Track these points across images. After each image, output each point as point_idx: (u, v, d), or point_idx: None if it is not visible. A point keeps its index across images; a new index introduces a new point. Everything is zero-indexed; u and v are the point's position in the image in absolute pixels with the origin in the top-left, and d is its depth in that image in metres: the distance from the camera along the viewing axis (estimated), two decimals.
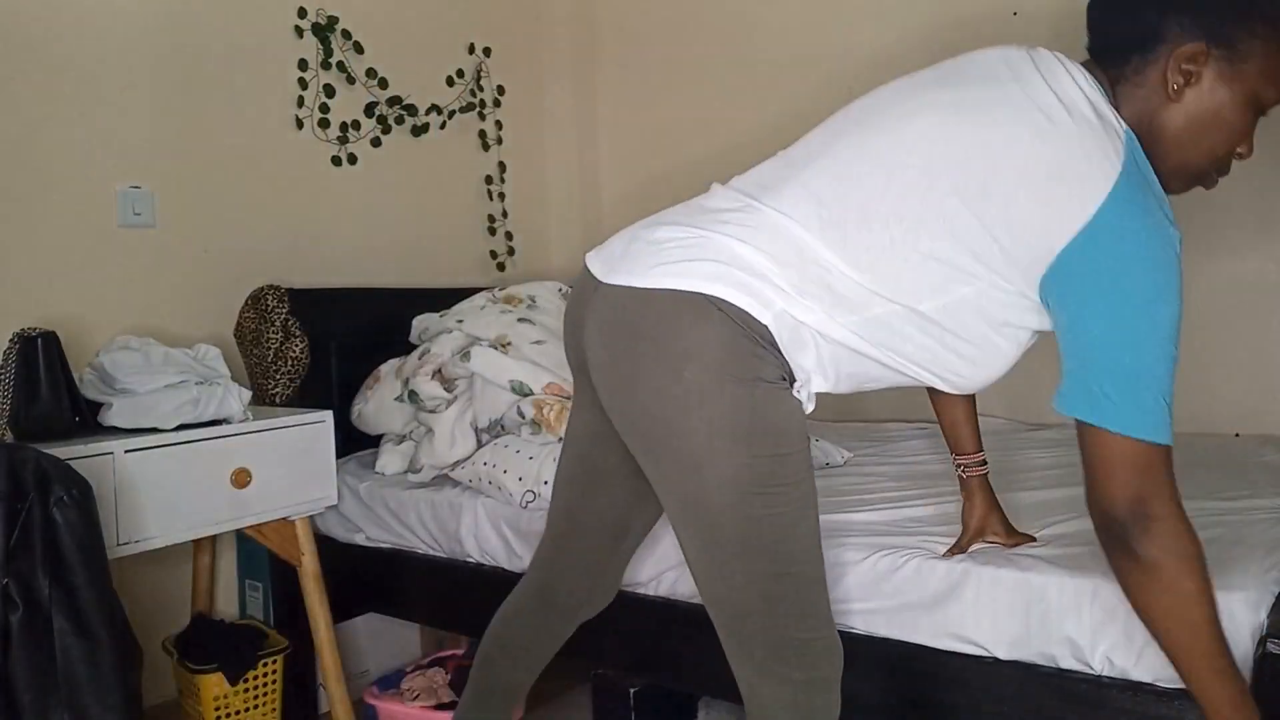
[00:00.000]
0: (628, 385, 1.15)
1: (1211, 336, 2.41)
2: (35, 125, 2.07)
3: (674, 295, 1.10)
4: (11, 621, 1.30)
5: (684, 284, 1.10)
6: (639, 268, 1.14)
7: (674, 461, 1.14)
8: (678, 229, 1.16)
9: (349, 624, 2.36)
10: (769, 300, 1.10)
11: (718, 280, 1.09)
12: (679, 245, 1.13)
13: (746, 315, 1.09)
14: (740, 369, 1.09)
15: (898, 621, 1.49)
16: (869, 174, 1.12)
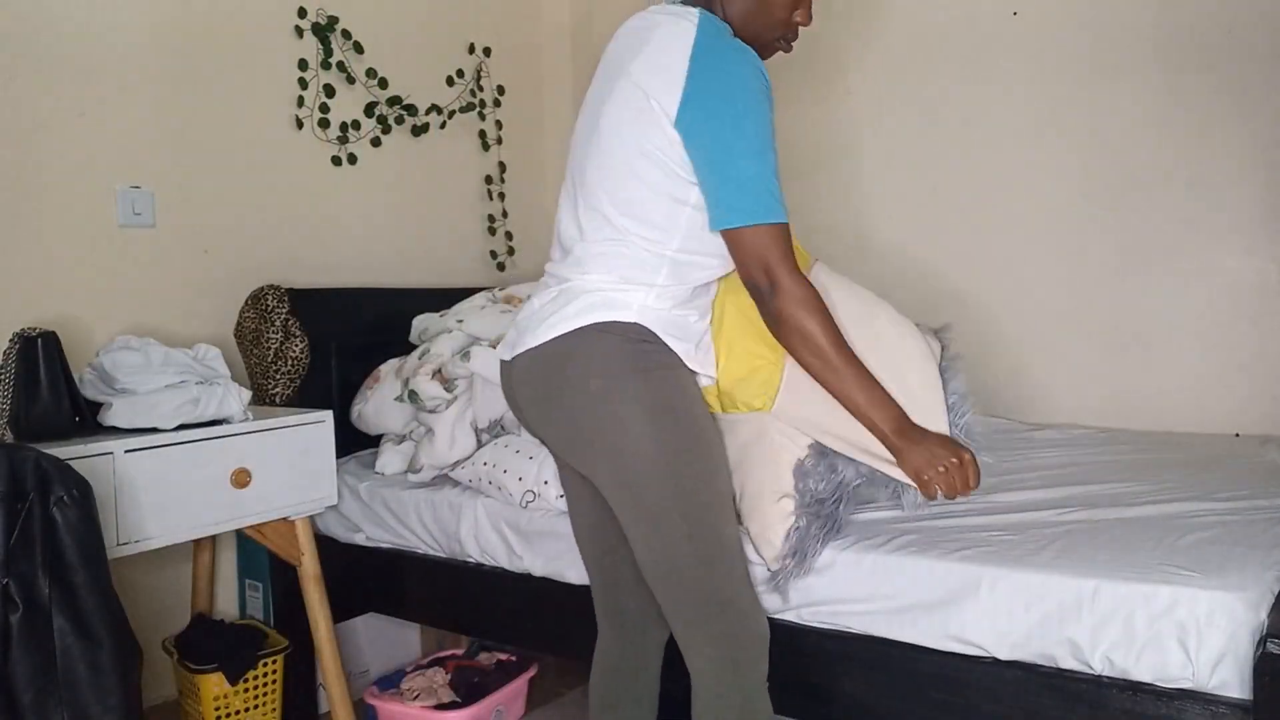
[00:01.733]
0: (557, 420, 1.40)
1: (1211, 336, 2.41)
2: (35, 125, 2.07)
3: (562, 338, 1.35)
4: (11, 621, 1.30)
5: (565, 327, 1.35)
6: (530, 336, 1.39)
7: (604, 457, 1.36)
8: (544, 294, 1.43)
9: (349, 624, 2.37)
10: (626, 304, 1.36)
11: (585, 312, 1.35)
12: (550, 304, 1.40)
13: (618, 324, 1.34)
14: (631, 364, 1.34)
15: (898, 621, 1.49)
16: (605, 161, 1.38)
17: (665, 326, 1.38)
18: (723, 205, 1.32)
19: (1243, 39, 2.34)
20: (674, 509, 1.35)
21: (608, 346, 1.34)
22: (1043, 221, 2.63)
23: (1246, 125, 2.35)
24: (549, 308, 1.39)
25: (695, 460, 1.36)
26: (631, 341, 1.35)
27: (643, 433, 1.33)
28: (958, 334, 2.73)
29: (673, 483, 1.34)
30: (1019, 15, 2.62)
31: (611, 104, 1.38)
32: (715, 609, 1.38)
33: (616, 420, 1.33)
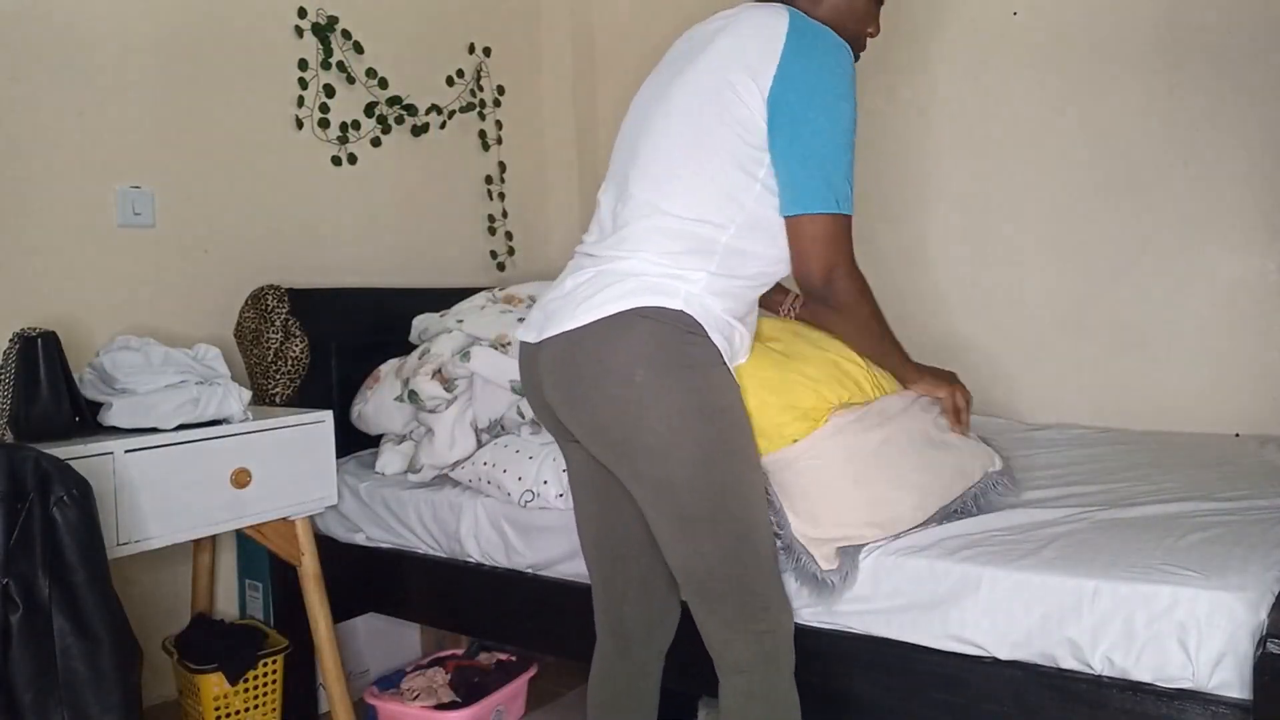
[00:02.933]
0: (590, 409, 1.32)
1: (1212, 336, 2.41)
2: (35, 125, 2.07)
3: (602, 322, 1.28)
4: (11, 621, 1.30)
5: (605, 310, 1.29)
6: (564, 318, 1.32)
7: (644, 454, 1.30)
8: (578, 274, 1.37)
9: (349, 624, 2.37)
10: (673, 290, 1.30)
11: (627, 295, 1.29)
12: (586, 285, 1.33)
13: (665, 311, 1.29)
14: (678, 356, 1.28)
15: (898, 621, 1.49)
16: (662, 141, 1.37)
17: (711, 320, 1.32)
18: (803, 189, 1.30)
19: (1243, 39, 2.34)
20: (714, 510, 1.31)
21: (654, 335, 1.27)
22: (1042, 221, 2.63)
23: (1246, 125, 2.35)
24: (586, 289, 1.32)
25: (736, 462, 1.33)
26: (679, 331, 1.29)
27: (686, 432, 1.28)
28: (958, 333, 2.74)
29: (714, 484, 1.30)
30: (1019, 15, 2.62)
31: (684, 83, 1.35)
32: (758, 609, 1.36)
33: (660, 416, 1.27)
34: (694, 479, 1.29)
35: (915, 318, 2.82)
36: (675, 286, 1.30)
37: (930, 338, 2.80)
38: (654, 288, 1.29)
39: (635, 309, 1.28)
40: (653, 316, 1.28)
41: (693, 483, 1.30)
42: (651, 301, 1.28)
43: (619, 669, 1.54)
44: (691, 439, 1.28)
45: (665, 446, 1.28)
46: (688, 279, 1.31)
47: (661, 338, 1.28)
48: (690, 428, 1.28)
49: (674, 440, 1.28)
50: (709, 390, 1.31)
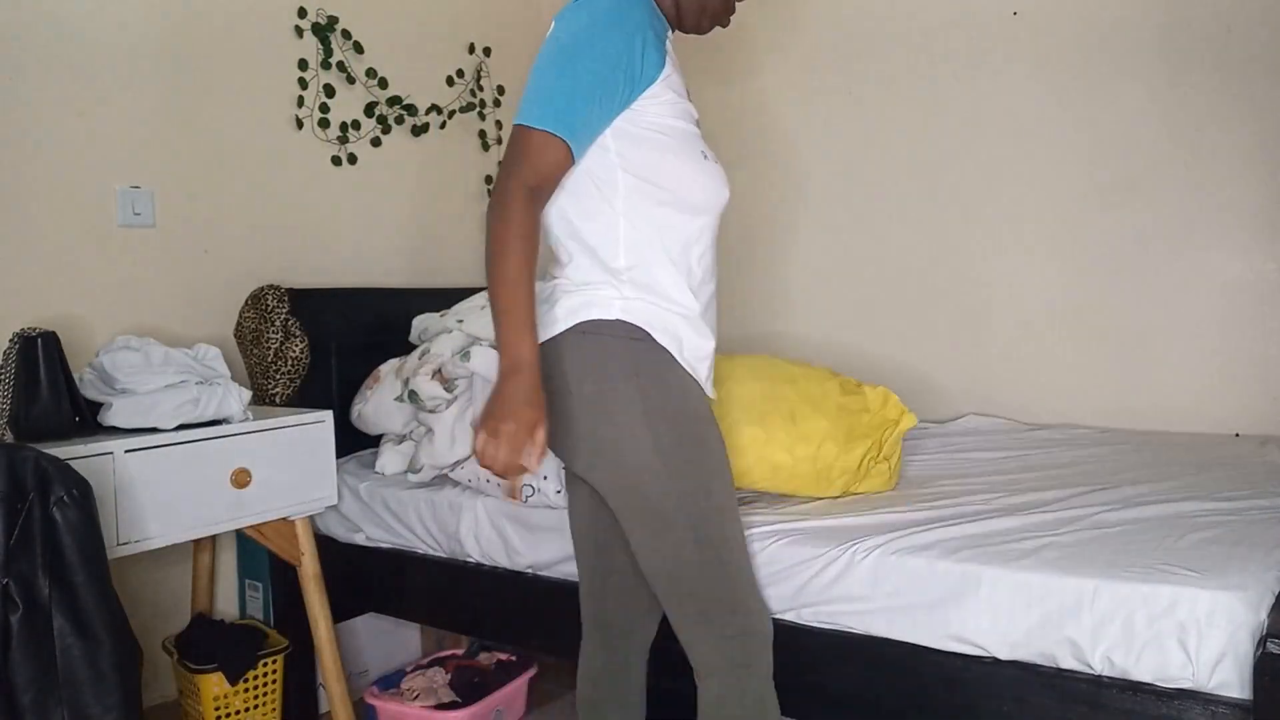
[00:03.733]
0: (554, 425, 1.32)
1: (1212, 336, 2.41)
2: (35, 125, 2.07)
3: (552, 342, 1.32)
4: (11, 621, 1.29)
5: (554, 330, 1.32)
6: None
7: (603, 462, 1.33)
8: (540, 290, 1.36)
9: (349, 624, 2.37)
10: (606, 300, 1.31)
11: (571, 313, 1.32)
12: (542, 304, 1.35)
13: (600, 322, 1.31)
14: (622, 366, 1.30)
15: (898, 621, 1.49)
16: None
17: (650, 320, 1.32)
18: (521, 104, 1.27)
19: (1243, 39, 2.34)
20: (679, 513, 1.31)
21: (597, 348, 1.30)
22: (1043, 221, 2.63)
23: (1246, 125, 2.35)
24: (542, 309, 1.35)
25: (697, 462, 1.33)
26: (620, 340, 1.31)
27: (642, 438, 1.29)
28: (958, 333, 2.74)
29: (676, 487, 1.31)
30: (1019, 15, 2.62)
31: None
32: (726, 611, 1.35)
33: (614, 426, 1.30)
34: (653, 483, 1.30)
35: (914, 316, 2.82)
36: (606, 294, 1.32)
37: (930, 337, 2.80)
38: (589, 301, 1.31)
39: (577, 325, 1.31)
40: (593, 331, 1.30)
41: (653, 487, 1.31)
42: (589, 315, 1.31)
43: (606, 665, 1.54)
44: (648, 445, 1.29)
45: (622, 454, 1.31)
46: (610, 283, 1.32)
47: (603, 348, 1.30)
48: (645, 434, 1.29)
49: (630, 448, 1.30)
50: (661, 394, 1.31)
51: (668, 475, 1.30)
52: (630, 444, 1.30)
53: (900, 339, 2.85)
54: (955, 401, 2.74)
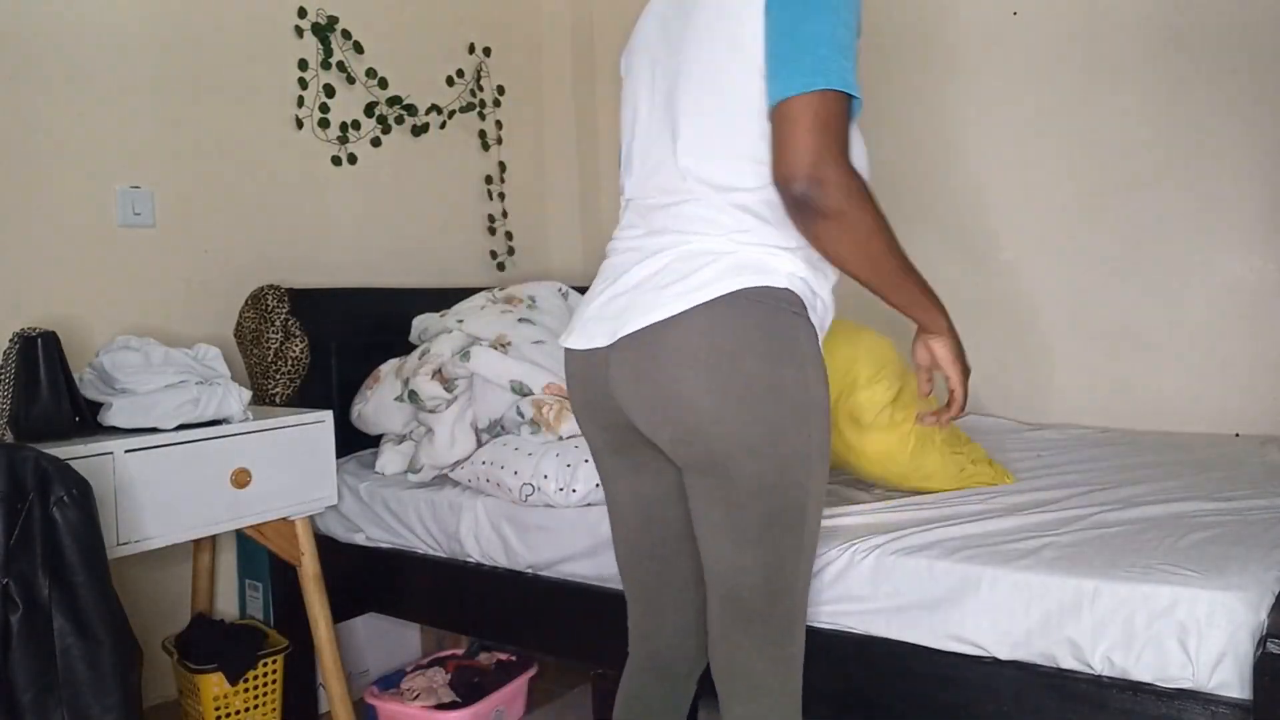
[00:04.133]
0: (690, 404, 1.15)
1: (1212, 336, 2.42)
2: (35, 125, 2.07)
3: (698, 310, 1.12)
4: (11, 621, 1.30)
5: (706, 294, 1.12)
6: (646, 310, 1.15)
7: (742, 452, 1.14)
8: (646, 263, 1.20)
9: (349, 624, 2.37)
10: (775, 268, 1.15)
11: (725, 276, 1.13)
12: (665, 272, 1.17)
13: (772, 290, 1.14)
14: (790, 347, 1.15)
15: (898, 621, 1.49)
16: (690, 104, 1.19)
17: (811, 300, 1.18)
18: (784, 71, 1.07)
19: (1243, 38, 2.34)
20: (783, 519, 1.17)
21: (764, 320, 1.13)
22: (1043, 221, 2.63)
23: (1247, 125, 2.35)
24: (665, 275, 1.15)
25: (819, 470, 1.19)
26: (787, 315, 1.15)
27: (790, 432, 1.14)
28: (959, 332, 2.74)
29: (795, 493, 1.17)
30: (1019, 15, 2.62)
31: (698, 36, 1.17)
32: (792, 633, 1.24)
33: (768, 413, 1.13)
34: (780, 484, 1.15)
35: None
36: (776, 263, 1.15)
37: None
38: (754, 265, 1.14)
39: (740, 290, 1.12)
40: (762, 299, 1.13)
41: (777, 488, 1.15)
42: (758, 281, 1.13)
43: (653, 689, 1.42)
44: (792, 440, 1.14)
45: (765, 446, 1.14)
46: (781, 254, 1.15)
47: (772, 324, 1.13)
48: (794, 428, 1.14)
49: (775, 440, 1.14)
50: (816, 385, 1.16)
51: (794, 479, 1.16)
52: (777, 436, 1.14)
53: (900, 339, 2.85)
54: None
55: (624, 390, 1.20)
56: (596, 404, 1.27)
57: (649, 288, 1.17)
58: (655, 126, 1.23)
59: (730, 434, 1.14)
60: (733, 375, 1.12)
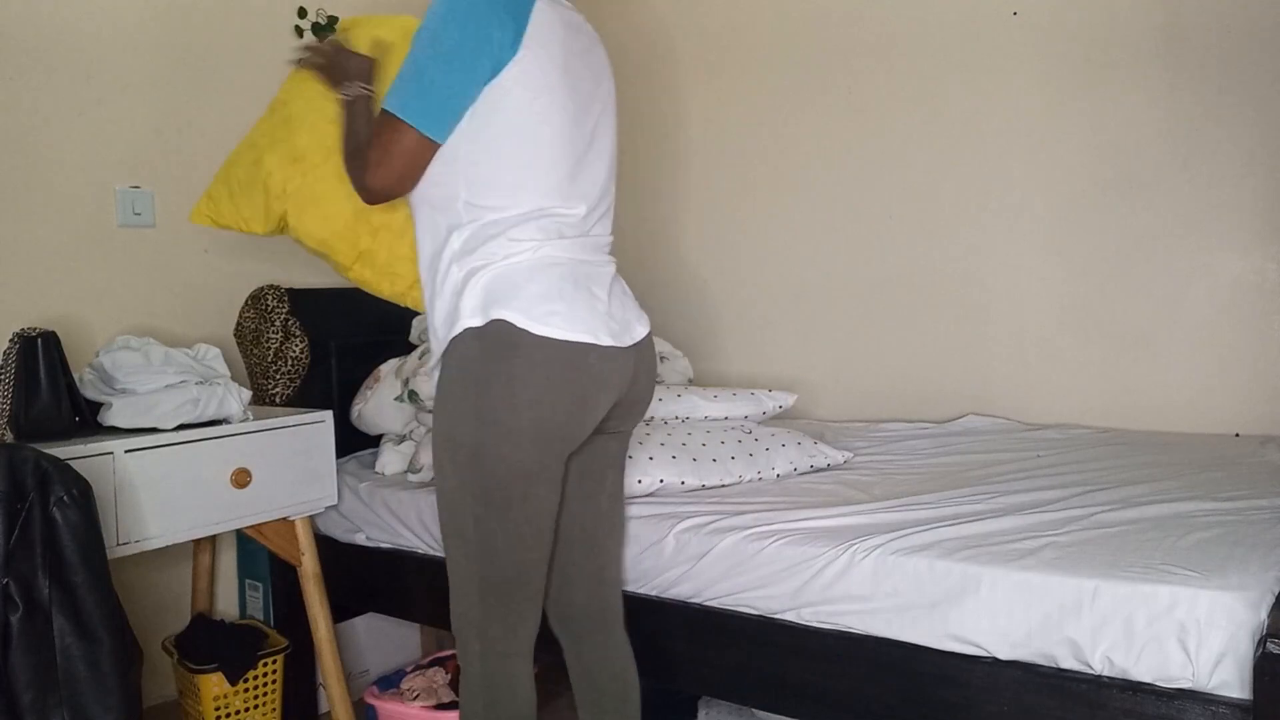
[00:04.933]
0: (650, 394, 1.56)
1: (1211, 336, 2.41)
2: (35, 125, 2.07)
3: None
4: (11, 621, 1.30)
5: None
6: (641, 322, 1.51)
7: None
8: (612, 272, 1.52)
9: (349, 624, 2.37)
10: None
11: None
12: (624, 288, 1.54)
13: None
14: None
15: (898, 621, 1.49)
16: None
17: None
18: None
19: (1243, 38, 2.34)
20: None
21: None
22: (1042, 221, 2.63)
23: (1246, 125, 2.35)
24: (628, 291, 1.55)
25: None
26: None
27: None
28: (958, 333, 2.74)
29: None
30: (1019, 15, 2.62)
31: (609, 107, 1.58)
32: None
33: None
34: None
35: (914, 316, 2.82)
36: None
37: (930, 337, 2.80)
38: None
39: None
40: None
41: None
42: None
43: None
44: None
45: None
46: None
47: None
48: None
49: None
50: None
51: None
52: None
53: (901, 339, 2.85)
54: (955, 401, 2.74)
55: (642, 383, 1.50)
56: (606, 393, 1.42)
57: (632, 301, 1.53)
58: (603, 158, 1.51)
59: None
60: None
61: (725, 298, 3.19)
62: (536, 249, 1.37)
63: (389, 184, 1.37)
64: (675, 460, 1.99)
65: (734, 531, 1.69)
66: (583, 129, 1.44)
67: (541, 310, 1.34)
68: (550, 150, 1.39)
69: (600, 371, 1.39)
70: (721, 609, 1.69)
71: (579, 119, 1.43)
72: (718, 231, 3.18)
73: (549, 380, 1.34)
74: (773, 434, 2.18)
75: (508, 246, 1.36)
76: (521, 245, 1.37)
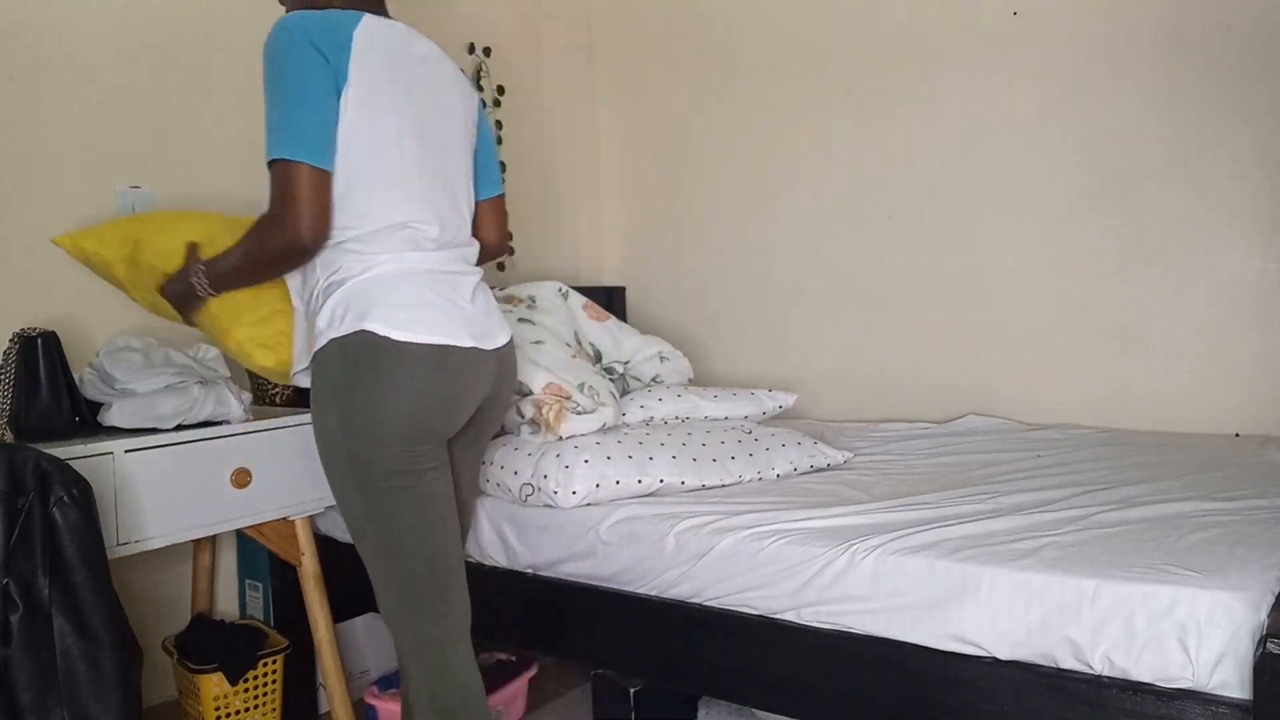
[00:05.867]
0: (510, 399, 1.67)
1: (1211, 336, 2.42)
2: (35, 125, 2.07)
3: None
4: (11, 621, 1.30)
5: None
6: (502, 331, 1.58)
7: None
8: (480, 286, 1.58)
9: (349, 624, 2.36)
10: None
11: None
12: (489, 297, 1.61)
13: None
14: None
15: (898, 621, 1.49)
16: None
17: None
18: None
19: (1243, 38, 2.34)
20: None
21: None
22: (1043, 221, 2.63)
23: (1246, 124, 2.35)
24: (490, 295, 1.60)
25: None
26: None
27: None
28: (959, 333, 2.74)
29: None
30: (1019, 15, 2.62)
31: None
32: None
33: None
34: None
35: (914, 316, 2.82)
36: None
37: (930, 338, 2.80)
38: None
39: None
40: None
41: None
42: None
43: (473, 660, 1.57)
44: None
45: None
46: None
47: None
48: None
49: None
50: None
51: None
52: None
53: (901, 339, 2.85)
54: (955, 401, 2.74)
55: (503, 387, 1.59)
56: (470, 394, 1.50)
57: (495, 308, 1.60)
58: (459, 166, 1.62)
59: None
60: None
61: (725, 298, 3.19)
62: (394, 261, 1.45)
63: (308, 223, 1.38)
64: (675, 460, 1.99)
65: (734, 531, 1.69)
66: (429, 144, 1.51)
67: (402, 317, 1.41)
68: (397, 166, 1.46)
69: (463, 370, 1.47)
70: (721, 609, 1.69)
71: (423, 136, 1.50)
72: (717, 231, 3.19)
73: (413, 380, 1.41)
74: (773, 434, 2.18)
75: (365, 260, 1.44)
76: (379, 259, 1.44)
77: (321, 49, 1.38)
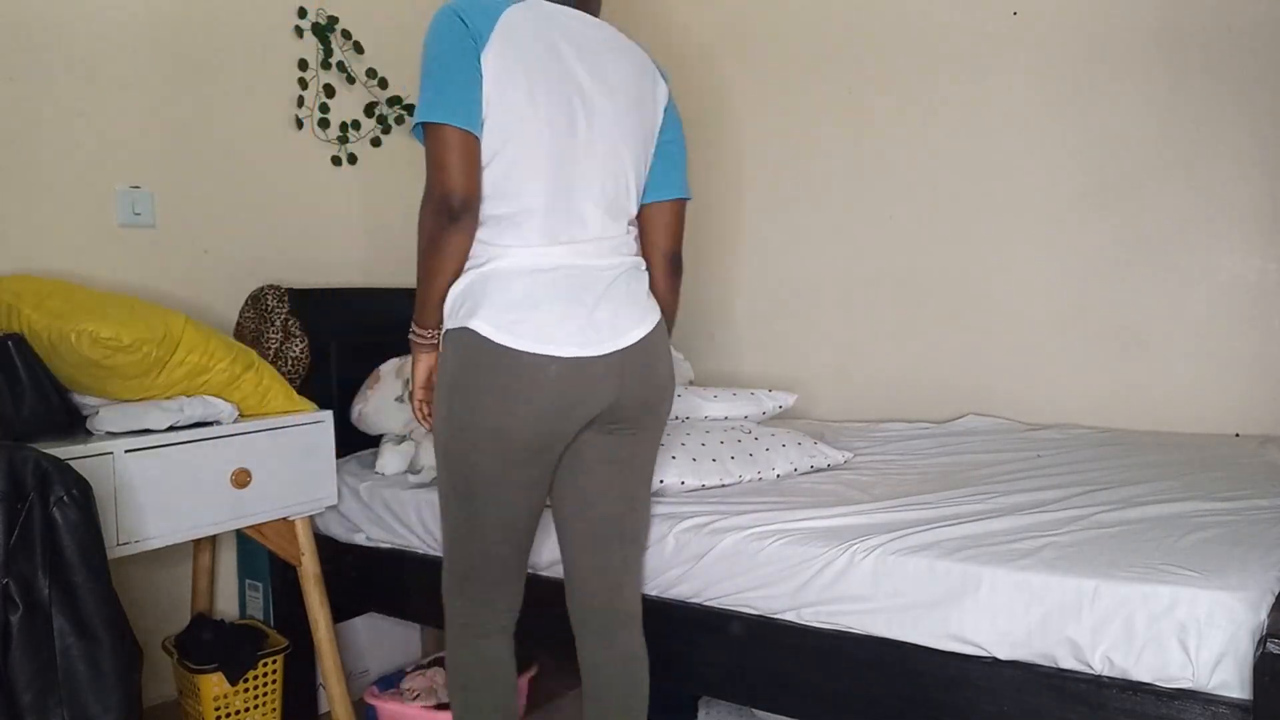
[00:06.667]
0: (666, 390, 1.53)
1: (1211, 336, 2.42)
2: (35, 124, 2.07)
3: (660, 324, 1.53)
4: (11, 621, 1.29)
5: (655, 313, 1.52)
6: (639, 326, 1.46)
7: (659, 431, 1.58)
8: (626, 265, 1.52)
9: (349, 624, 2.37)
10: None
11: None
12: (637, 282, 1.52)
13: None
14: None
15: (897, 621, 1.49)
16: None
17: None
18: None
19: (1243, 38, 2.34)
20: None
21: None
22: (1043, 221, 2.63)
23: (1246, 124, 2.35)
24: (638, 286, 1.52)
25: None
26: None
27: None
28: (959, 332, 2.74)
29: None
30: (1019, 15, 2.62)
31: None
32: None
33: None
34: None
35: (914, 316, 2.82)
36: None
37: (930, 338, 2.80)
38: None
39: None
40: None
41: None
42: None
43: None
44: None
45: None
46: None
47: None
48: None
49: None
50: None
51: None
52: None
53: (901, 339, 2.85)
54: (955, 401, 2.74)
55: (631, 385, 1.47)
56: (577, 409, 1.43)
57: (640, 293, 1.54)
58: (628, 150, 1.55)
59: (663, 419, 1.64)
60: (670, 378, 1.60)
61: (725, 298, 3.19)
62: (516, 254, 1.41)
63: (457, 181, 1.35)
64: (675, 460, 1.99)
65: (734, 531, 1.69)
66: (580, 133, 1.43)
67: (507, 319, 1.37)
68: (529, 153, 1.40)
69: (562, 384, 1.39)
70: (721, 609, 1.69)
71: (572, 124, 1.43)
72: (717, 231, 3.18)
73: (505, 391, 1.38)
74: (773, 434, 2.18)
75: (489, 251, 1.41)
76: (501, 250, 1.41)
77: (468, 23, 1.37)
